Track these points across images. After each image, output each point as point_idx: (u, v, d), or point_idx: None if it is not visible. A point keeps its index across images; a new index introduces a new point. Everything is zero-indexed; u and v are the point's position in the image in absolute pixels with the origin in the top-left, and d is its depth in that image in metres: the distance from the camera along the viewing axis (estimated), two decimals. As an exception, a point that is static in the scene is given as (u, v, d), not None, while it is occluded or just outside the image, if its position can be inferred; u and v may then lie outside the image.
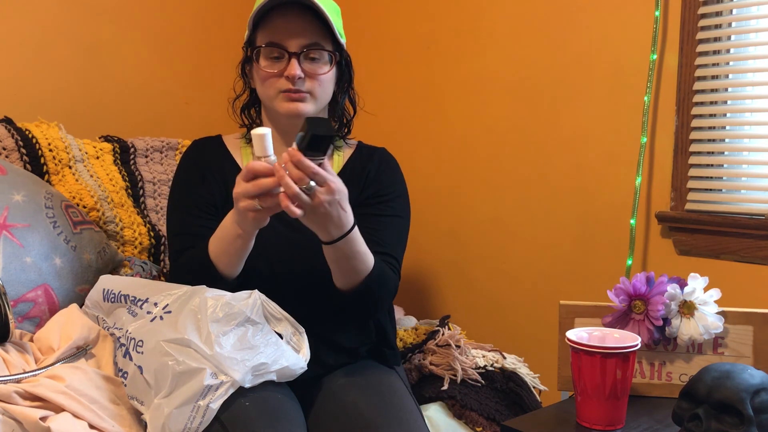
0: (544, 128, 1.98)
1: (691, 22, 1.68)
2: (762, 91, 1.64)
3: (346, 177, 1.44)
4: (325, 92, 1.38)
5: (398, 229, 1.43)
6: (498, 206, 2.10)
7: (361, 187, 1.42)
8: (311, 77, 1.34)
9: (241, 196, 1.16)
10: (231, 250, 1.25)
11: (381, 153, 1.50)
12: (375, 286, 1.30)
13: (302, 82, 1.33)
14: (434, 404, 1.53)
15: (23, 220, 1.51)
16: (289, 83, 1.32)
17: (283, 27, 1.32)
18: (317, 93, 1.35)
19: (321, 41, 1.34)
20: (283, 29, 1.32)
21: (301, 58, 1.33)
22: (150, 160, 1.96)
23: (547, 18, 1.95)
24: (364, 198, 1.42)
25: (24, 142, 1.71)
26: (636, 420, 1.23)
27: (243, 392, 1.15)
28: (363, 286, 1.28)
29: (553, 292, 1.97)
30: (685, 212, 1.72)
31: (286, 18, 1.32)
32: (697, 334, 1.29)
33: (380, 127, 2.15)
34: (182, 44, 2.27)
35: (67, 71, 2.05)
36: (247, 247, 1.25)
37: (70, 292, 1.54)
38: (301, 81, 1.33)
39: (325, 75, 1.35)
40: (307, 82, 1.34)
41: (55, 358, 1.30)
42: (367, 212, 1.40)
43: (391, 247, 1.39)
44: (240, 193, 1.16)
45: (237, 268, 1.28)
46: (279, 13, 1.32)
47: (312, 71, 1.34)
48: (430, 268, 2.28)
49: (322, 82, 1.35)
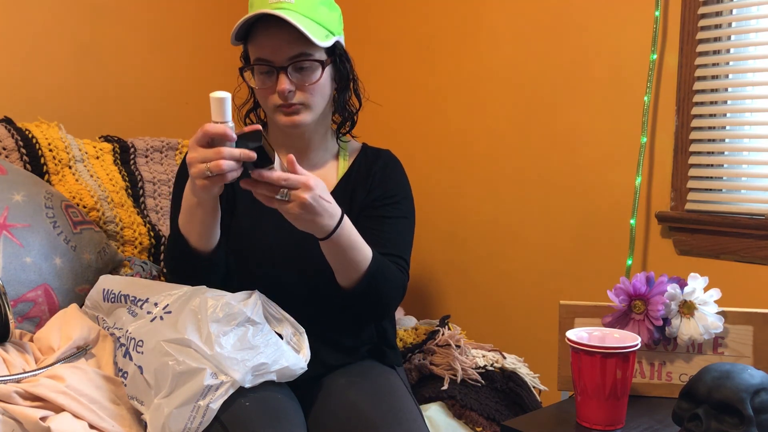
0: (544, 128, 1.98)
1: (691, 22, 1.68)
2: (762, 91, 1.64)
3: (352, 179, 1.44)
4: (321, 98, 1.35)
5: (405, 231, 1.43)
6: (498, 206, 2.10)
7: (368, 189, 1.42)
8: (302, 89, 1.32)
9: (195, 161, 1.12)
10: (195, 220, 1.23)
11: (386, 155, 1.49)
12: (379, 278, 1.30)
13: (294, 95, 1.32)
14: (434, 404, 1.53)
15: (23, 220, 1.51)
16: (281, 99, 1.31)
17: (267, 41, 1.30)
18: (311, 102, 1.34)
19: (307, 50, 1.31)
20: (267, 43, 1.30)
21: (289, 70, 1.30)
22: (150, 160, 1.96)
23: (547, 18, 1.95)
24: (370, 200, 1.41)
25: (24, 142, 1.71)
26: (636, 420, 1.23)
27: (243, 392, 1.15)
28: (366, 280, 1.28)
29: (553, 292, 1.97)
30: (685, 212, 1.72)
31: (268, 32, 1.30)
32: (697, 334, 1.29)
33: (380, 127, 2.15)
34: (182, 44, 2.27)
35: (67, 71, 2.05)
36: (210, 217, 1.23)
37: (70, 292, 1.54)
38: (293, 94, 1.31)
39: (316, 84, 1.33)
40: (298, 94, 1.32)
41: (55, 358, 1.30)
42: (374, 214, 1.40)
43: (399, 248, 1.39)
44: (195, 158, 1.12)
45: (208, 240, 1.26)
46: (262, 27, 1.31)
47: (302, 82, 1.32)
48: (430, 268, 2.28)
49: (314, 91, 1.33)
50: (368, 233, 1.31)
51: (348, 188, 1.42)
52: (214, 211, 1.23)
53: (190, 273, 1.28)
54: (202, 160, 1.11)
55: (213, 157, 1.10)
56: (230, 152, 1.10)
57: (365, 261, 1.28)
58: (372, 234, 1.34)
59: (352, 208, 1.41)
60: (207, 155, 1.11)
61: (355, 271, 1.28)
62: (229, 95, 1.11)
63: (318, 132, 1.42)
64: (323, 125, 1.43)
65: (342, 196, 1.40)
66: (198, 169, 1.12)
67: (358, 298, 1.30)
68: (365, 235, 1.29)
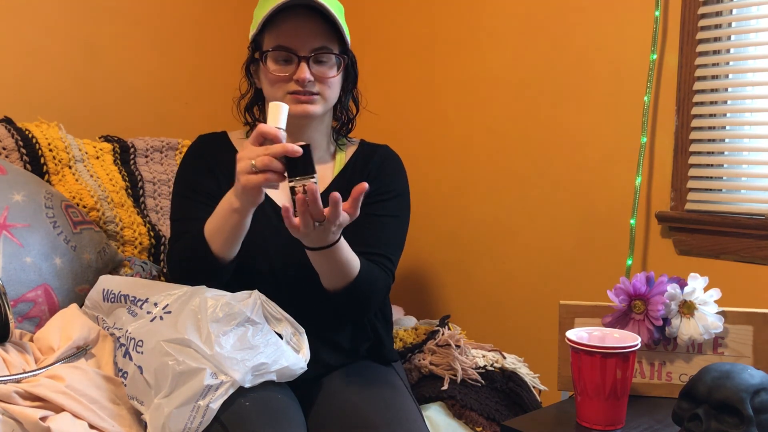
0: (544, 128, 1.98)
1: (691, 22, 1.68)
2: (762, 91, 1.64)
3: (348, 173, 1.44)
4: (334, 94, 1.39)
5: (394, 230, 1.43)
6: (498, 206, 2.10)
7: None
8: (320, 80, 1.34)
9: (245, 157, 1.14)
10: (226, 227, 1.23)
11: (383, 150, 1.50)
12: (363, 285, 1.30)
13: (312, 85, 1.34)
14: (434, 404, 1.53)
15: (23, 220, 1.51)
16: (299, 86, 1.33)
17: (291, 30, 1.32)
18: (327, 95, 1.36)
19: (329, 44, 1.35)
20: (291, 33, 1.32)
21: (311, 61, 1.33)
22: (150, 160, 1.96)
23: (547, 18, 1.95)
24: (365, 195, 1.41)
25: (24, 142, 1.71)
26: (636, 420, 1.23)
27: (243, 392, 1.15)
28: (351, 286, 1.29)
29: (553, 292, 1.97)
30: (685, 212, 1.72)
31: (294, 21, 1.32)
32: (697, 334, 1.29)
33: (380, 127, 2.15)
34: (182, 44, 2.27)
35: (67, 71, 2.05)
36: (242, 225, 1.23)
37: (70, 292, 1.54)
38: (311, 83, 1.33)
39: (333, 79, 1.36)
40: (316, 84, 1.34)
41: (55, 358, 1.30)
42: (366, 211, 1.40)
43: (385, 248, 1.39)
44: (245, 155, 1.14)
45: (231, 249, 1.27)
46: (287, 15, 1.32)
47: (321, 74, 1.34)
48: (431, 268, 2.28)
49: (331, 85, 1.36)
50: (358, 229, 1.31)
51: (344, 182, 1.42)
52: (247, 219, 1.24)
53: (197, 275, 1.28)
54: (251, 156, 1.13)
55: (261, 153, 1.12)
56: (275, 149, 1.12)
57: (352, 274, 1.28)
58: (361, 231, 1.34)
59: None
60: (257, 151, 1.13)
61: (340, 280, 1.28)
62: (287, 106, 1.17)
63: (319, 130, 1.43)
64: (325, 123, 1.44)
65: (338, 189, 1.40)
66: (245, 163, 1.14)
67: (339, 299, 1.31)
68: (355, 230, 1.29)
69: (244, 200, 1.19)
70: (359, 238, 1.32)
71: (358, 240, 1.30)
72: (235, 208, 1.21)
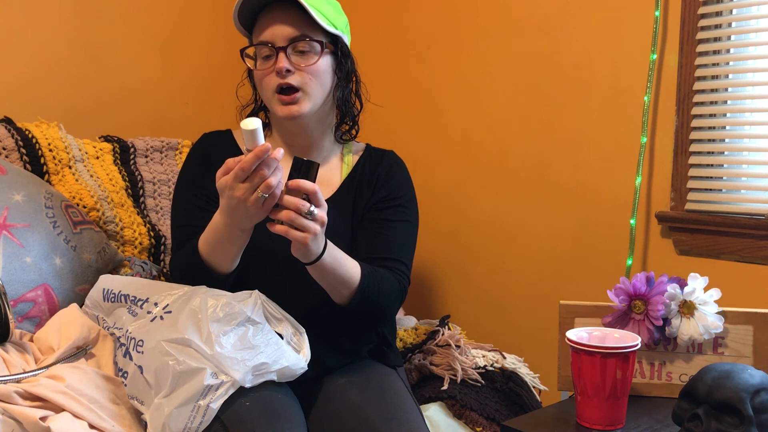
0: (544, 128, 1.98)
1: (691, 22, 1.69)
2: (762, 91, 1.64)
3: (356, 180, 1.43)
4: (320, 86, 1.34)
5: (406, 235, 1.43)
6: (498, 206, 2.10)
7: (372, 190, 1.42)
8: (301, 70, 1.32)
9: (246, 194, 1.11)
10: (231, 250, 1.24)
11: (391, 156, 1.49)
12: (371, 290, 1.30)
13: (293, 77, 1.31)
14: (434, 404, 1.53)
15: (23, 220, 1.51)
16: (279, 78, 1.31)
17: (268, 24, 1.32)
18: (310, 88, 1.33)
19: (308, 32, 1.32)
20: (268, 27, 1.32)
21: (289, 51, 1.31)
22: (150, 160, 1.96)
23: (547, 18, 1.95)
24: (374, 201, 1.41)
25: (24, 142, 1.71)
26: (636, 420, 1.23)
27: (243, 392, 1.15)
28: (359, 295, 1.28)
29: (553, 292, 1.97)
30: (685, 212, 1.72)
31: (270, 15, 1.32)
32: (697, 334, 1.29)
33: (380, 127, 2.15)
34: (182, 44, 2.27)
35: (67, 71, 2.05)
36: (244, 242, 1.24)
37: (70, 292, 1.54)
38: (291, 75, 1.31)
39: (314, 65, 1.32)
40: (297, 75, 1.32)
41: (55, 358, 1.30)
42: (376, 217, 1.39)
43: (398, 253, 1.38)
44: (244, 194, 1.11)
45: (234, 264, 1.28)
46: (265, 12, 1.33)
47: (300, 63, 1.32)
48: (430, 268, 2.28)
49: (314, 74, 1.33)
50: (369, 236, 1.31)
51: (352, 189, 1.42)
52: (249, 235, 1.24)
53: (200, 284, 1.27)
54: (252, 190, 1.11)
55: (259, 182, 1.10)
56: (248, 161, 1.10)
57: (354, 277, 1.28)
58: (372, 237, 1.34)
59: (356, 208, 1.40)
60: (253, 183, 1.11)
61: (346, 288, 1.28)
62: (259, 124, 1.11)
63: (318, 130, 1.42)
64: (324, 123, 1.42)
65: (346, 196, 1.40)
66: (254, 198, 1.11)
67: (354, 311, 1.31)
68: (366, 237, 1.29)
69: (255, 222, 1.19)
70: (371, 245, 1.32)
71: (370, 246, 1.30)
72: (244, 228, 1.20)
